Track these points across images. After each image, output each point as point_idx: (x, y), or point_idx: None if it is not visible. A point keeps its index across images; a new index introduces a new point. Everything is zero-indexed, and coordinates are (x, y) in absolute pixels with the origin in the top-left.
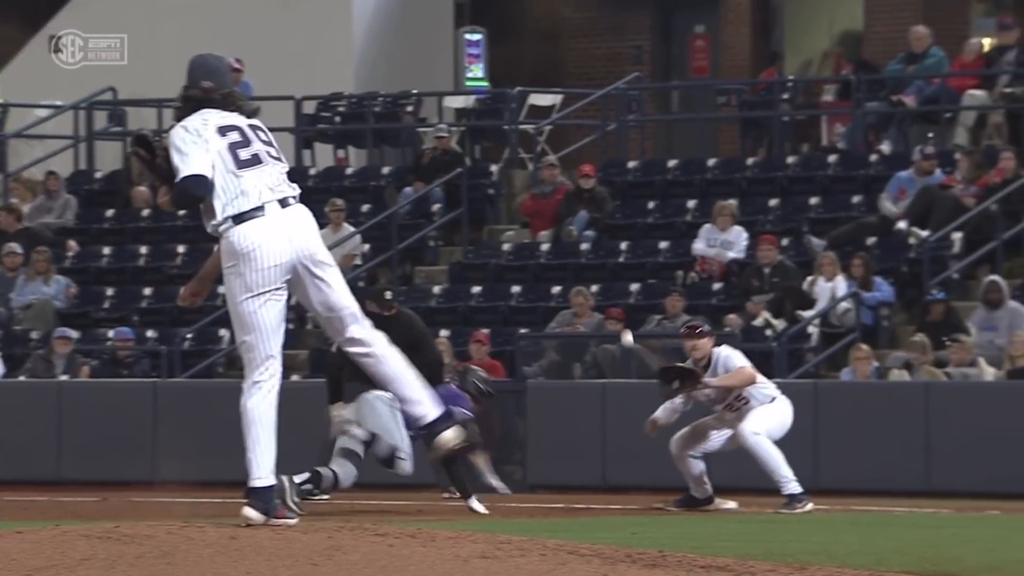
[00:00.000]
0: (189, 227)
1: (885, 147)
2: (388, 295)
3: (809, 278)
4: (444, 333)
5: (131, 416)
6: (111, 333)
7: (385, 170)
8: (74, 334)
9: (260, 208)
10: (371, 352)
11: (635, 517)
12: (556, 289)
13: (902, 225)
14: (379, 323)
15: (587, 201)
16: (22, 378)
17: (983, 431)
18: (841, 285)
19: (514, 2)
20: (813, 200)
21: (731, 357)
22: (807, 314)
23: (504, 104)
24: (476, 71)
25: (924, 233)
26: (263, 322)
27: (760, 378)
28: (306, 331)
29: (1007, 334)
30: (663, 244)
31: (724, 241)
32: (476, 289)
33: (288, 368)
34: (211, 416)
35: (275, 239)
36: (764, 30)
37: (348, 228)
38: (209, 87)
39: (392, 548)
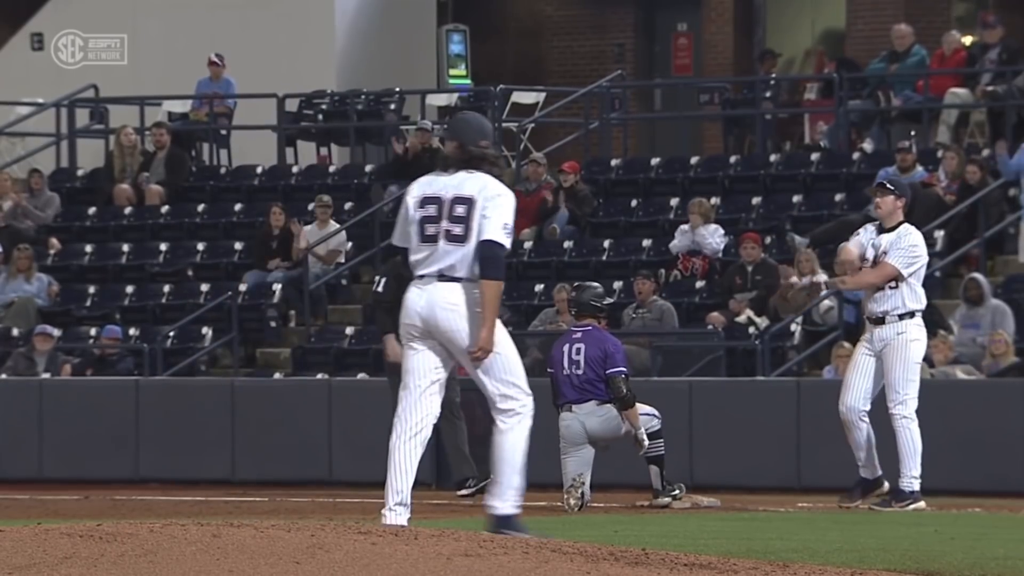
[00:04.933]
0: (170, 225)
1: (867, 145)
2: None
3: (792, 278)
4: None
5: (113, 414)
6: (92, 331)
7: (368, 167)
8: (55, 332)
9: (419, 278)
10: (501, 427)
11: (617, 515)
12: (539, 287)
13: None
14: None
15: (569, 199)
16: (3, 376)
17: (965, 429)
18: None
19: (497, 0)
20: (796, 198)
21: (907, 238)
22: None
23: (487, 102)
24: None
25: None
26: (405, 364)
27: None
28: (288, 329)
29: (989, 332)
30: (646, 242)
31: (701, 239)
32: None
33: (272, 367)
34: (193, 414)
35: (412, 304)
36: (747, 29)
37: (334, 224)
38: (485, 145)
39: (375, 546)
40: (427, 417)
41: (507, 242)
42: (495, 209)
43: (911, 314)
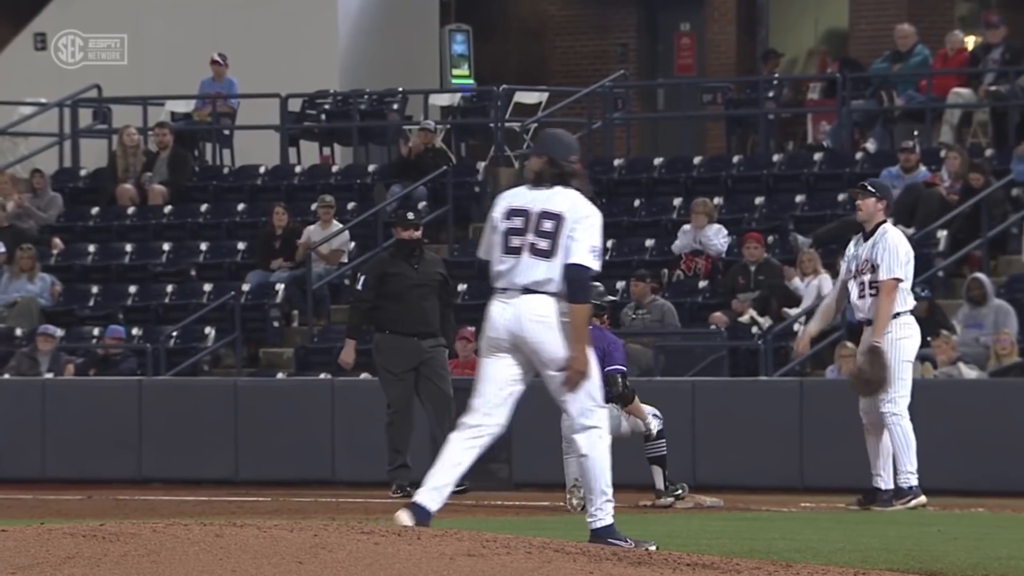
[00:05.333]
0: (173, 224)
1: (870, 145)
2: (411, 215)
3: (795, 280)
4: None
5: (116, 414)
6: (95, 331)
7: (371, 167)
8: (58, 332)
9: (500, 291)
10: (584, 449)
11: (620, 515)
12: None
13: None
14: (407, 249)
15: None
16: (6, 376)
17: (968, 429)
18: (826, 282)
19: (499, 0)
20: (799, 198)
21: (888, 242)
22: (793, 312)
23: (490, 102)
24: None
25: (909, 231)
26: (481, 372)
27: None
28: (291, 329)
29: (992, 332)
30: (649, 242)
31: (704, 239)
32: (462, 287)
33: (275, 366)
34: (196, 414)
35: (498, 318)
36: (750, 28)
37: (337, 224)
38: (574, 161)
39: (378, 546)
40: (493, 427)
41: (595, 265)
42: (584, 231)
43: (896, 315)
